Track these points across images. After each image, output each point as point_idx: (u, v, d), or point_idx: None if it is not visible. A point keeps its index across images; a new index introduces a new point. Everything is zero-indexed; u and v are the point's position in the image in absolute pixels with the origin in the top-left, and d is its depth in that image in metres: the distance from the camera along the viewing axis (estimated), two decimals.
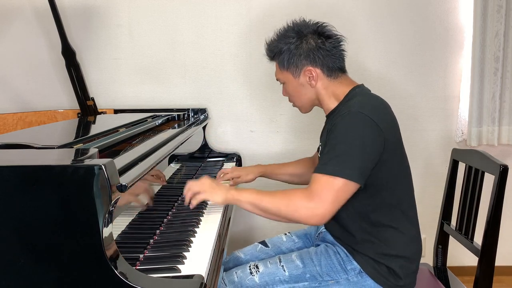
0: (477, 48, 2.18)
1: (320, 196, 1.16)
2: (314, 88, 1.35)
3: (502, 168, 1.35)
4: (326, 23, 1.36)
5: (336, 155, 1.18)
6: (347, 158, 1.17)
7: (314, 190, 1.18)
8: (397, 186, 1.30)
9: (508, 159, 2.35)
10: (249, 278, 1.32)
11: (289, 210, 1.19)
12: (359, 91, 1.34)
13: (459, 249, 1.71)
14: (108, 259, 0.81)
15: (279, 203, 1.21)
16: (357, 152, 1.18)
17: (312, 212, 1.17)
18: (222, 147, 2.32)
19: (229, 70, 2.27)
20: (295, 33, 1.33)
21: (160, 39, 2.24)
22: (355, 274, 1.29)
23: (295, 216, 1.19)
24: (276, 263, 1.35)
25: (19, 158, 0.90)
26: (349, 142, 1.19)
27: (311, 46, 1.32)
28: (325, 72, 1.34)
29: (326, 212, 1.17)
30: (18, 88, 2.27)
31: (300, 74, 1.35)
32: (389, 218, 1.28)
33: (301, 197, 1.18)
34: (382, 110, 1.28)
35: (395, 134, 1.29)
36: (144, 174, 1.04)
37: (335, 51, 1.33)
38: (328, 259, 1.33)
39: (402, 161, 1.32)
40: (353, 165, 1.17)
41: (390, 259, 1.27)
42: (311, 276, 1.32)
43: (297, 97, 1.41)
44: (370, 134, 1.20)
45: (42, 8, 2.16)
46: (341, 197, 1.18)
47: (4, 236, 0.81)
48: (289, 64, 1.34)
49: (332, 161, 1.18)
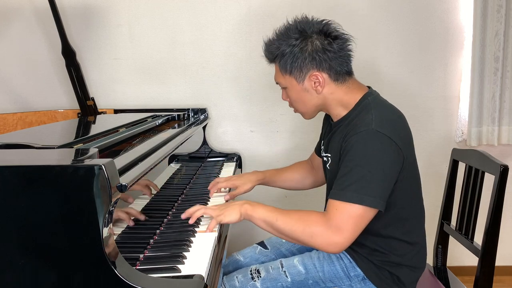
0: (477, 48, 2.18)
1: (340, 225, 1.10)
2: (320, 94, 1.25)
3: (502, 168, 1.35)
4: (331, 20, 1.24)
5: (355, 180, 1.11)
6: (366, 183, 1.10)
7: (333, 218, 1.11)
8: (409, 201, 1.25)
9: (508, 159, 2.35)
10: (250, 283, 1.30)
11: (305, 235, 1.13)
12: (372, 100, 1.24)
13: (459, 249, 1.71)
14: (108, 259, 0.81)
15: (294, 226, 1.15)
16: (377, 176, 1.11)
17: (329, 241, 1.11)
18: (222, 147, 2.32)
19: (229, 70, 2.27)
20: (299, 33, 1.21)
21: (160, 39, 2.24)
22: (358, 280, 1.27)
23: (311, 242, 1.13)
24: (278, 268, 1.32)
25: (19, 158, 0.90)
26: (369, 165, 1.11)
27: (317, 48, 1.20)
28: (332, 77, 1.23)
29: (345, 241, 1.11)
30: (18, 88, 2.27)
31: (304, 79, 1.23)
32: (399, 232, 1.25)
33: (319, 223, 1.12)
34: (400, 125, 1.22)
35: (411, 150, 1.24)
36: (144, 174, 1.04)
37: (342, 52, 1.22)
38: (331, 265, 1.30)
39: (415, 174, 1.28)
40: (373, 191, 1.10)
41: (395, 267, 1.25)
42: (314, 282, 1.29)
43: (300, 103, 1.30)
44: (389, 156, 1.13)
45: (42, 8, 2.16)
46: (361, 225, 1.12)
47: (4, 236, 0.81)
48: (292, 68, 1.22)
49: (351, 187, 1.10)
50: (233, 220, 1.21)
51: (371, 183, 1.10)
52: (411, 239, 1.27)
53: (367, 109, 1.21)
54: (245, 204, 1.22)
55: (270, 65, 1.32)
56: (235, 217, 1.21)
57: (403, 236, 1.25)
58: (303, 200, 2.36)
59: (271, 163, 2.32)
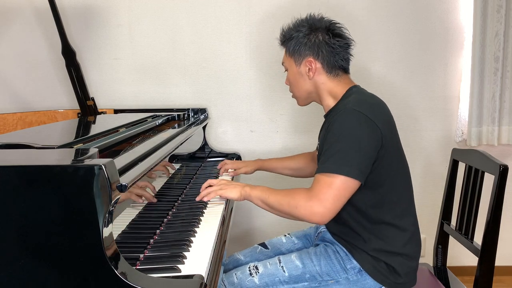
0: (477, 48, 2.18)
1: (319, 195, 1.19)
2: (312, 80, 1.38)
3: (502, 168, 1.36)
4: (341, 24, 1.39)
5: (333, 153, 1.20)
6: (344, 155, 1.19)
7: (314, 189, 1.21)
8: (395, 183, 1.30)
9: (508, 159, 2.35)
10: (248, 279, 1.32)
11: (290, 207, 1.24)
12: (356, 90, 1.35)
13: (459, 249, 1.71)
14: (108, 259, 0.81)
15: (282, 201, 1.26)
16: (354, 149, 1.19)
17: (311, 211, 1.20)
18: (222, 147, 2.32)
19: (229, 70, 2.27)
20: (308, 25, 1.37)
21: (160, 39, 2.24)
22: (354, 273, 1.30)
23: (296, 213, 1.23)
24: (275, 263, 1.35)
25: (19, 158, 0.90)
26: (345, 139, 1.20)
27: (317, 40, 1.35)
28: (325, 68, 1.36)
29: (326, 210, 1.19)
30: (18, 88, 2.27)
31: (301, 63, 1.38)
32: (389, 215, 1.29)
33: (303, 196, 1.22)
34: (377, 107, 1.30)
35: (392, 131, 1.30)
36: (144, 174, 1.04)
37: (340, 50, 1.35)
38: (327, 258, 1.33)
39: (400, 158, 1.33)
40: (351, 162, 1.18)
41: (389, 256, 1.28)
42: (311, 276, 1.32)
43: (295, 86, 1.44)
44: (365, 131, 1.21)
45: (42, 8, 2.16)
46: (341, 195, 1.19)
47: (4, 236, 0.81)
48: (294, 51, 1.38)
49: (330, 160, 1.20)
50: (233, 196, 1.36)
51: (347, 155, 1.19)
52: (402, 225, 1.30)
53: (349, 96, 1.33)
54: (246, 186, 1.36)
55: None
56: (235, 194, 1.36)
57: (393, 220, 1.29)
58: None
59: None
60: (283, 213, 1.28)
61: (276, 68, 2.23)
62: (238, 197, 1.36)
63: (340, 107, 1.31)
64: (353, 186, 1.20)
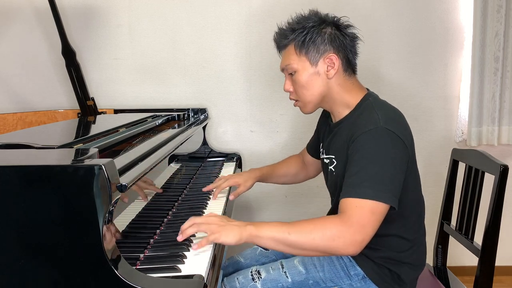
0: (477, 48, 2.18)
1: (360, 222, 1.06)
2: (330, 80, 1.22)
3: (502, 168, 1.35)
4: (346, 16, 1.27)
5: (369, 177, 1.09)
6: (380, 180, 1.09)
7: (353, 215, 1.07)
8: (411, 199, 1.24)
9: (508, 159, 2.35)
10: (251, 284, 1.29)
11: (325, 240, 1.05)
12: (373, 100, 1.24)
13: (459, 249, 1.71)
14: (108, 259, 0.81)
15: (312, 234, 1.06)
16: (390, 173, 1.10)
17: (352, 240, 1.05)
18: (222, 147, 2.32)
19: (229, 70, 2.27)
20: (317, 18, 1.23)
21: (160, 39, 2.24)
22: (358, 279, 1.27)
23: (333, 246, 1.05)
24: (278, 269, 1.32)
25: (19, 158, 0.90)
26: (381, 162, 1.10)
27: (335, 32, 1.21)
28: (344, 66, 1.23)
29: (366, 238, 1.07)
30: (18, 88, 2.27)
31: (318, 61, 1.21)
32: (399, 229, 1.24)
33: (338, 224, 1.06)
34: (404, 124, 1.22)
35: (413, 147, 1.24)
36: (144, 174, 1.04)
37: (354, 44, 1.25)
38: (331, 264, 1.30)
39: (416, 173, 1.28)
40: (387, 188, 1.09)
41: (395, 264, 1.25)
42: (314, 282, 1.29)
43: (308, 89, 1.24)
44: (399, 153, 1.13)
45: (42, 8, 2.16)
46: (379, 221, 1.09)
47: (4, 236, 0.81)
48: (309, 47, 1.20)
49: (365, 184, 1.08)
50: (230, 242, 1.06)
51: (384, 180, 1.09)
52: (410, 236, 1.26)
53: (370, 108, 1.21)
54: (248, 226, 1.08)
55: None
56: (233, 238, 1.06)
57: (402, 233, 1.25)
58: (303, 201, 2.36)
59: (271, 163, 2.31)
60: (312, 251, 1.08)
61: (276, 68, 2.22)
62: (236, 241, 1.06)
63: (364, 122, 1.17)
64: (386, 212, 1.11)
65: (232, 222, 1.11)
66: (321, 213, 1.26)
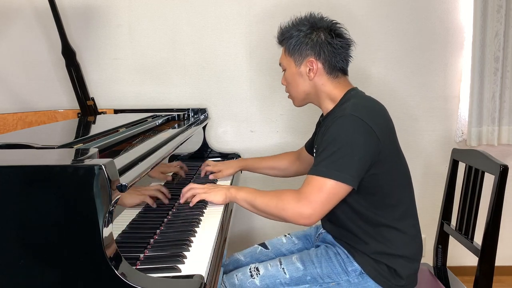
0: (477, 48, 2.18)
1: (308, 197, 1.18)
2: (312, 81, 1.35)
3: (502, 168, 1.36)
4: (341, 24, 1.37)
5: (326, 156, 1.19)
6: (336, 159, 1.18)
7: (303, 191, 1.20)
8: (395, 187, 1.29)
9: (508, 159, 2.35)
10: (249, 281, 1.31)
11: (278, 209, 1.23)
12: (354, 93, 1.33)
13: (459, 249, 1.71)
14: (108, 259, 0.81)
15: (269, 202, 1.25)
16: (348, 154, 1.18)
17: (298, 212, 1.19)
18: (222, 147, 2.32)
19: (229, 70, 2.27)
20: (309, 24, 1.34)
21: (160, 39, 2.24)
22: (356, 275, 1.29)
23: (283, 214, 1.22)
24: (276, 265, 1.34)
25: (19, 158, 0.90)
26: (340, 144, 1.19)
27: (319, 40, 1.32)
28: (326, 69, 1.34)
29: (313, 213, 1.18)
30: (18, 88, 2.27)
31: (301, 64, 1.35)
32: (389, 218, 1.28)
33: (291, 198, 1.21)
34: (376, 112, 1.29)
35: (390, 135, 1.29)
36: (144, 174, 1.04)
37: (341, 51, 1.33)
38: (328, 260, 1.32)
39: (399, 161, 1.32)
40: (342, 167, 1.17)
41: (391, 258, 1.27)
42: (312, 278, 1.31)
43: (293, 86, 1.41)
44: (362, 136, 1.20)
45: (42, 8, 2.16)
46: (331, 199, 1.19)
47: (4, 236, 0.81)
48: (294, 50, 1.35)
49: (322, 163, 1.19)
50: (217, 200, 1.34)
51: (340, 160, 1.18)
52: (403, 227, 1.29)
53: (347, 100, 1.30)
54: (231, 188, 1.35)
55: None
56: (220, 198, 1.34)
57: (393, 223, 1.28)
58: None
59: None
60: (270, 215, 1.27)
61: (276, 68, 2.22)
62: (223, 200, 1.34)
63: (337, 111, 1.29)
64: (343, 191, 1.20)
65: (220, 186, 1.39)
66: None
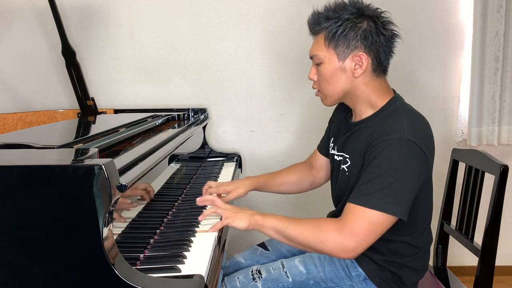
0: (477, 48, 2.17)
1: (353, 229, 1.07)
2: (355, 79, 1.18)
3: (502, 168, 1.35)
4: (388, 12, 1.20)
5: (381, 187, 1.07)
6: (393, 192, 1.07)
7: (348, 222, 1.08)
8: (421, 207, 1.22)
9: (508, 159, 2.35)
10: (251, 284, 1.29)
11: (316, 240, 1.10)
12: (401, 105, 1.19)
13: (459, 249, 1.71)
14: (108, 259, 0.81)
15: (305, 232, 1.12)
16: (405, 186, 1.08)
17: (342, 245, 1.08)
18: (222, 147, 2.32)
19: (229, 70, 2.27)
20: (356, 10, 1.16)
21: (160, 39, 2.24)
22: (359, 280, 1.26)
23: (321, 247, 1.10)
24: (279, 268, 1.31)
25: (19, 158, 0.90)
26: (397, 174, 1.07)
27: (371, 28, 1.15)
28: (374, 66, 1.18)
29: (358, 246, 1.08)
30: (18, 88, 2.27)
31: (347, 57, 1.16)
32: (407, 236, 1.22)
33: (331, 228, 1.09)
34: (430, 136, 1.18)
35: (433, 158, 1.19)
36: (144, 174, 1.04)
37: (390, 43, 1.19)
38: (332, 265, 1.29)
39: (431, 185, 1.25)
40: (398, 200, 1.07)
41: (398, 267, 1.24)
42: (315, 283, 1.28)
43: (330, 83, 1.20)
44: (418, 167, 1.10)
45: (42, 8, 2.16)
46: (377, 232, 1.09)
47: (4, 236, 0.81)
48: (340, 41, 1.15)
49: (376, 194, 1.07)
50: (241, 227, 1.18)
51: (397, 192, 1.07)
52: (418, 243, 1.25)
53: (396, 114, 1.16)
54: (256, 215, 1.19)
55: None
56: (244, 224, 1.18)
57: (410, 240, 1.23)
58: (303, 200, 2.36)
59: (271, 163, 2.32)
60: (304, 246, 1.15)
61: (276, 68, 2.23)
62: (245, 226, 1.18)
63: (388, 128, 1.12)
64: (392, 223, 1.10)
65: (244, 210, 1.23)
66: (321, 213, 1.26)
